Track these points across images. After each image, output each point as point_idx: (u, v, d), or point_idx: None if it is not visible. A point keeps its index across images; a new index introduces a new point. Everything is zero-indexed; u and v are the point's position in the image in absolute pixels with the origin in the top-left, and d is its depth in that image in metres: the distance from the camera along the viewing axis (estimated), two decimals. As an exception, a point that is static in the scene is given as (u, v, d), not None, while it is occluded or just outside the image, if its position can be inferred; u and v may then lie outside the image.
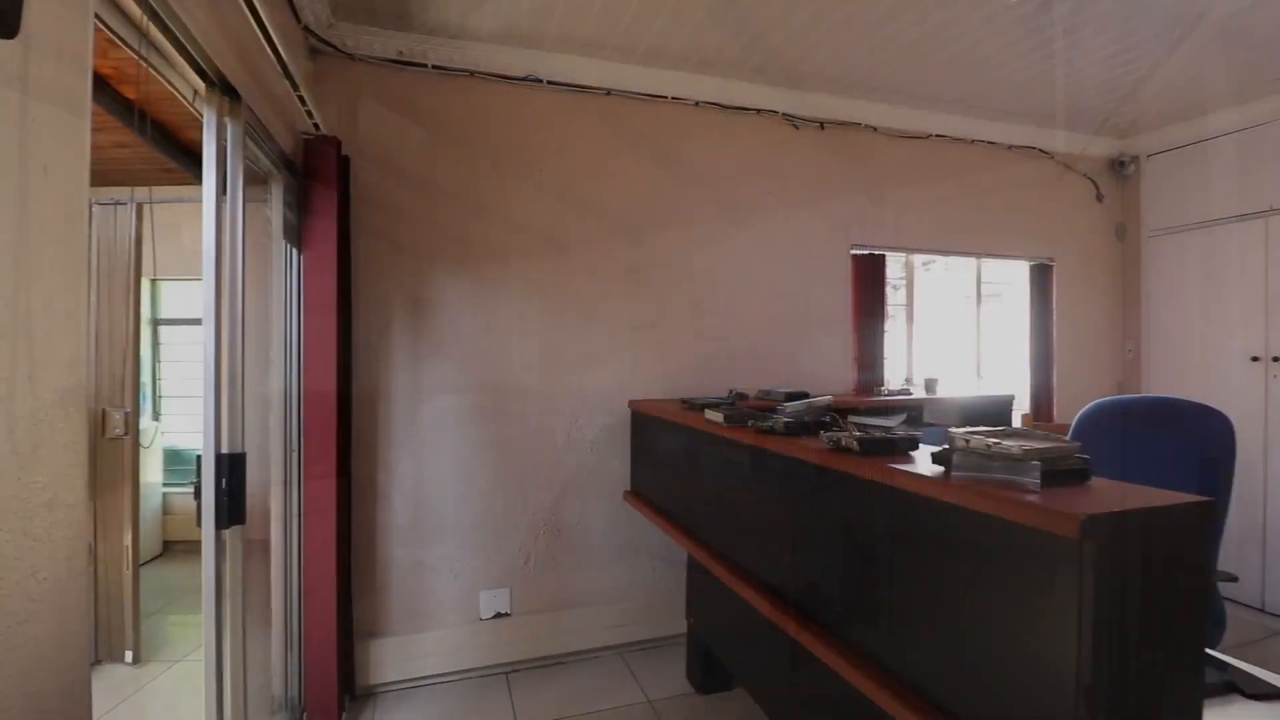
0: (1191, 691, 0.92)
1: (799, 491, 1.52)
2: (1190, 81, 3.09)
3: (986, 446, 1.02)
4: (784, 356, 3.18)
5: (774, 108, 3.14)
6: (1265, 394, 3.26)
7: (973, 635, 1.01)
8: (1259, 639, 2.97)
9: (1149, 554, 0.87)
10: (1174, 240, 3.71)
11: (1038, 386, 3.75)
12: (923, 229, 3.46)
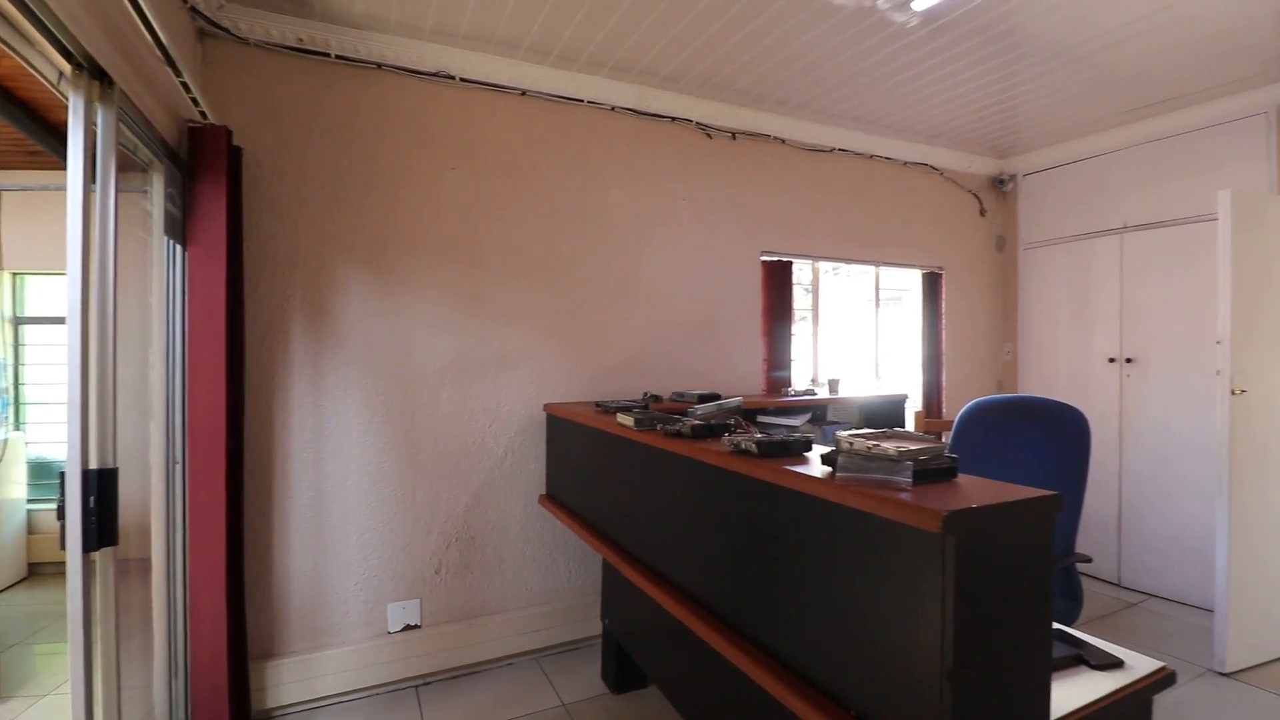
0: (1041, 666, 1.03)
1: (705, 493, 1.57)
2: (1060, 109, 3.43)
3: (867, 448, 1.10)
4: (699, 358, 3.27)
5: (688, 116, 3.22)
6: (1120, 391, 3.67)
7: (857, 625, 1.09)
8: (1116, 610, 3.34)
9: (1003, 544, 0.97)
10: (1045, 252, 4.10)
11: (929, 385, 4.04)
12: (827, 237, 3.65)
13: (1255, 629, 2.71)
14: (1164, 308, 3.48)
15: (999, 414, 2.17)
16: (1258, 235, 2.74)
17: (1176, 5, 2.41)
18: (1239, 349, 2.67)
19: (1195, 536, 3.26)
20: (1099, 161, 3.81)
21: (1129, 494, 3.61)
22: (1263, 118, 3.15)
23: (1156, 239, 3.53)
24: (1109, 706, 1.14)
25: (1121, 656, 1.30)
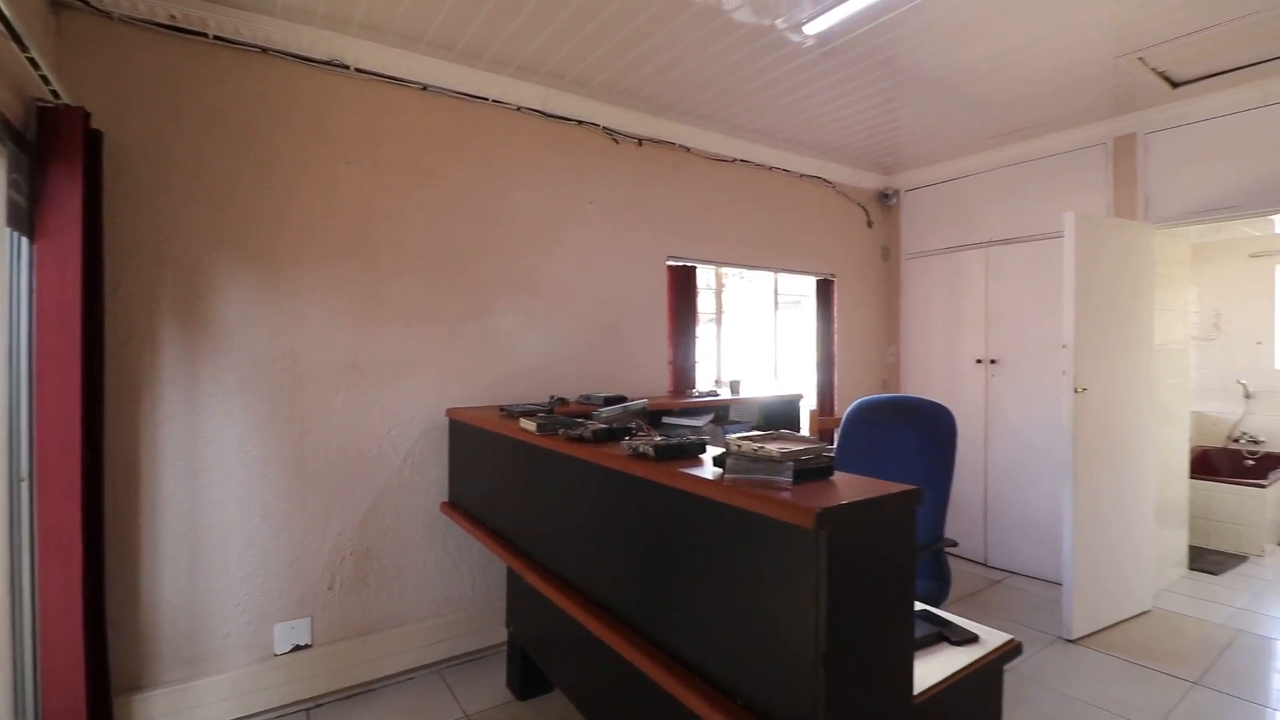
0: (904, 645, 1.14)
1: (607, 497, 1.59)
2: (935, 132, 3.74)
3: (754, 450, 1.17)
4: (606, 361, 3.30)
5: (596, 120, 3.24)
6: (985, 390, 4.06)
7: (745, 619, 1.15)
8: (982, 589, 3.69)
9: (870, 536, 1.06)
10: (924, 262, 4.46)
11: (823, 385, 4.30)
12: (730, 244, 3.79)
13: (1095, 600, 3.08)
14: (1021, 315, 3.88)
15: (880, 412, 2.35)
16: (1096, 253, 3.12)
17: (1028, 46, 2.70)
18: (1081, 352, 3.03)
19: (1048, 518, 3.66)
20: (968, 181, 4.19)
21: (993, 481, 4.00)
22: (1101, 148, 3.59)
23: (1015, 253, 3.93)
24: (964, 678, 1.27)
25: (977, 632, 1.45)
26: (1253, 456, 5.29)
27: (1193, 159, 3.27)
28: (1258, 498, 4.25)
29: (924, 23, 2.51)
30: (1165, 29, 2.56)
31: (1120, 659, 2.81)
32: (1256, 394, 5.56)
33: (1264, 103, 3.03)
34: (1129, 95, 3.21)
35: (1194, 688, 2.57)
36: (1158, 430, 3.47)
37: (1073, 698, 2.50)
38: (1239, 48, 2.72)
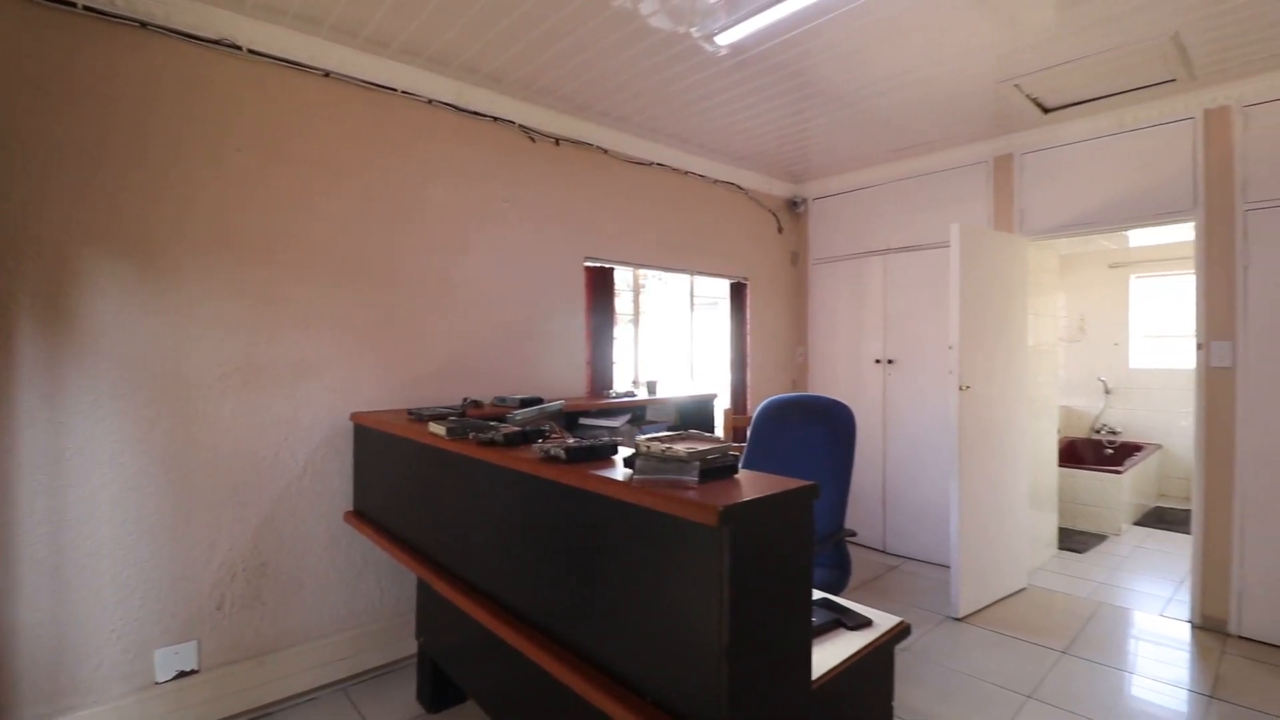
0: (803, 633, 1.20)
1: (519, 501, 1.58)
2: (840, 144, 3.95)
3: (662, 451, 1.20)
4: (523, 362, 3.26)
5: (511, 118, 3.19)
6: (884, 388, 4.32)
7: (655, 618, 1.17)
8: (881, 574, 3.92)
9: (770, 530, 1.11)
10: (829, 268, 4.70)
11: (736, 385, 4.43)
12: (647, 246, 3.84)
13: (978, 580, 3.35)
14: (915, 318, 4.17)
15: (787, 411, 2.46)
16: (978, 261, 3.39)
17: (919, 69, 2.90)
18: (965, 353, 3.29)
19: (939, 506, 3.95)
20: (869, 192, 4.45)
21: (891, 473, 4.27)
22: (984, 166, 3.91)
23: (910, 260, 4.21)
24: (859, 661, 1.36)
25: (871, 616, 1.55)
26: (1111, 446, 5.94)
27: (1061, 178, 3.63)
28: (1116, 483, 4.77)
29: (825, 42, 2.64)
30: (1038, 59, 2.83)
31: (1000, 634, 3.07)
32: (1115, 390, 6.24)
33: (1120, 130, 3.41)
34: (1007, 118, 3.51)
35: (1063, 656, 2.85)
36: (1030, 423, 3.83)
37: (959, 672, 2.71)
38: (1099, 80, 3.04)
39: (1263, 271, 2.97)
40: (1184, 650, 2.91)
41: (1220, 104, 3.08)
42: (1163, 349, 6.04)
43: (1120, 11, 2.42)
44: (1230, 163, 3.06)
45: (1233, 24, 2.50)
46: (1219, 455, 3.10)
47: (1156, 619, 3.26)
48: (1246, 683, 2.60)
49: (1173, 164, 3.24)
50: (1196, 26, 2.53)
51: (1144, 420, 6.04)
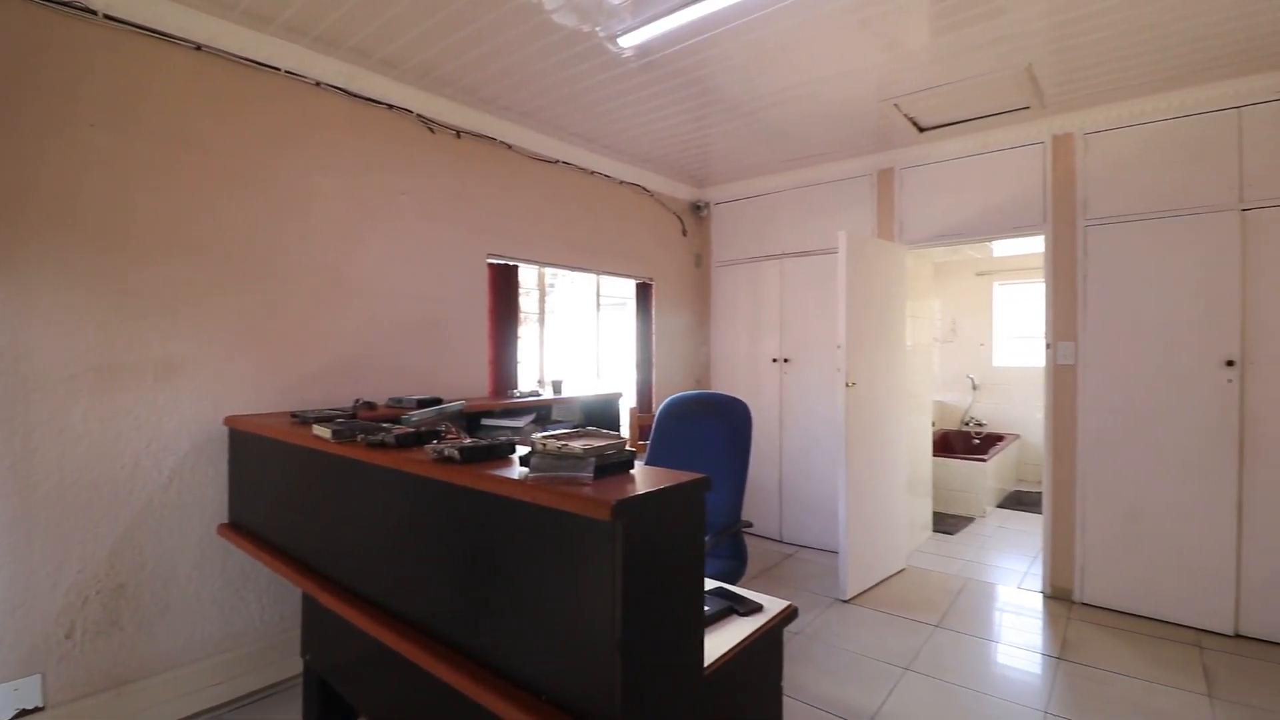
0: (695, 622, 1.23)
1: (413, 506, 1.52)
2: (740, 152, 4.10)
3: (558, 448, 1.20)
4: (422, 361, 3.14)
5: (408, 106, 3.07)
6: (780, 386, 4.53)
7: (552, 617, 1.17)
8: (777, 563, 4.11)
9: (663, 523, 1.14)
10: (731, 270, 4.87)
11: (642, 384, 4.50)
12: (553, 244, 3.81)
13: (863, 563, 3.59)
14: (808, 319, 4.40)
15: (687, 408, 2.52)
16: (863, 267, 3.64)
17: (811, 84, 3.07)
18: (851, 352, 3.52)
19: (829, 496, 4.19)
20: (768, 198, 4.65)
21: (787, 466, 4.49)
22: (868, 178, 4.19)
23: (803, 265, 4.45)
24: (749, 646, 1.41)
25: (762, 602, 1.62)
26: (978, 436, 6.55)
27: (935, 192, 3.96)
28: (981, 470, 5.26)
29: (722, 52, 2.74)
30: (913, 82, 3.07)
31: (882, 612, 3.31)
32: (981, 386, 6.89)
33: (983, 150, 3.76)
34: (888, 135, 3.79)
35: (936, 629, 3.11)
36: (909, 417, 4.15)
37: (845, 649, 2.90)
38: (966, 104, 3.34)
39: (1098, 280, 3.38)
40: (1037, 618, 3.27)
41: (1066, 131, 3.48)
42: (1022, 349, 6.73)
43: (982, 42, 2.68)
44: (1073, 184, 3.46)
45: (1075, 60, 2.83)
46: (1064, 443, 3.50)
47: (1015, 591, 3.64)
48: (1087, 644, 2.95)
49: (1026, 183, 3.62)
50: (1046, 60, 2.84)
51: (1005, 413, 6.70)
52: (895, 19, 2.50)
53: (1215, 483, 3.04)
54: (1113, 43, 2.68)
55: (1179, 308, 3.15)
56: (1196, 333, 3.10)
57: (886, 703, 2.46)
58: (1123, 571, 3.28)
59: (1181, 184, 3.15)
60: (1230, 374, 3.01)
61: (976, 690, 2.56)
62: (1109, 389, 3.34)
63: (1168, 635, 3.01)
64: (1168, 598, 3.15)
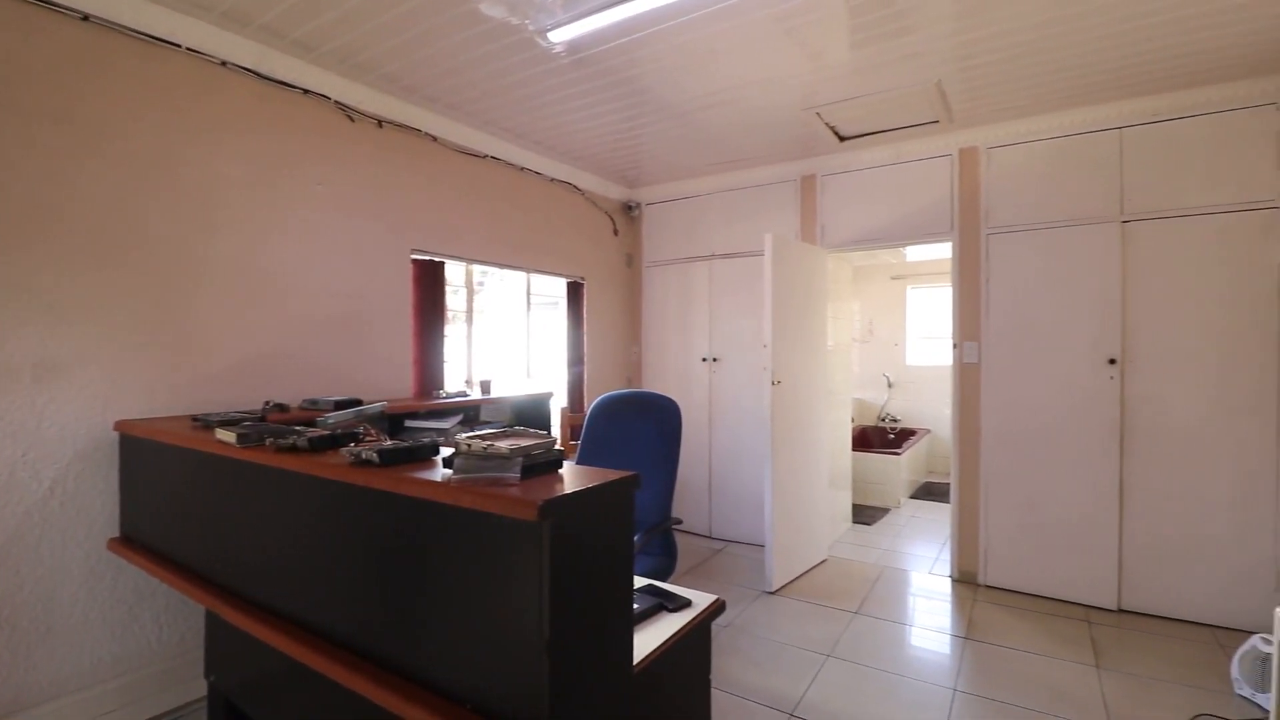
0: (624, 620, 1.24)
1: (328, 512, 1.44)
2: (670, 154, 4.14)
3: (483, 448, 1.17)
4: (340, 361, 2.99)
5: (325, 92, 2.92)
6: (709, 385, 4.62)
7: (480, 622, 1.14)
8: (707, 558, 4.18)
9: (591, 522, 1.13)
10: (661, 270, 4.92)
11: (573, 383, 4.47)
12: (481, 241, 3.72)
13: (788, 556, 3.71)
14: (736, 319, 4.51)
15: (618, 407, 2.53)
16: (786, 268, 3.76)
17: (738, 89, 3.14)
18: (776, 351, 3.62)
19: (756, 492, 4.30)
20: (697, 200, 4.73)
21: (716, 463, 4.58)
22: (793, 184, 4.33)
23: (732, 266, 4.55)
24: (678, 641, 1.43)
25: (691, 597, 1.64)
26: (893, 431, 6.90)
27: (854, 199, 4.13)
28: (895, 463, 5.55)
29: (652, 53, 2.76)
30: (834, 92, 3.19)
31: (806, 602, 3.43)
32: (896, 384, 7.26)
33: (897, 160, 3.96)
34: (811, 143, 3.93)
35: (855, 616, 3.25)
36: (830, 414, 4.32)
37: (771, 640, 2.98)
38: (882, 115, 3.51)
39: (999, 285, 3.63)
40: (946, 601, 3.47)
41: (971, 145, 3.72)
42: (932, 348, 7.14)
43: (896, 57, 2.82)
44: (978, 194, 3.71)
45: (978, 78, 3.03)
46: (969, 436, 3.73)
47: (926, 576, 3.86)
48: (991, 624, 3.17)
49: (937, 193, 3.84)
50: (954, 77, 3.02)
51: (918, 409, 7.10)
52: (818, 30, 2.59)
53: (1100, 471, 3.33)
54: (1010, 64, 2.88)
55: (1069, 311, 3.43)
56: (1084, 334, 3.38)
57: (810, 689, 2.55)
58: (1021, 555, 3.54)
59: (1071, 197, 3.43)
60: (1113, 371, 3.31)
61: (893, 673, 2.70)
62: (1008, 386, 3.60)
63: (1061, 612, 3.27)
64: (1060, 577, 3.43)
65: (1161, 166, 3.22)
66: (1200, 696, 2.45)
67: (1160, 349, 3.22)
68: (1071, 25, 2.54)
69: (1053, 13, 2.45)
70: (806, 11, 2.45)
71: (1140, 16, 2.47)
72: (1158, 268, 3.23)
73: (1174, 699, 2.44)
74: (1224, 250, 3.08)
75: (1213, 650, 2.83)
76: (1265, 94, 3.00)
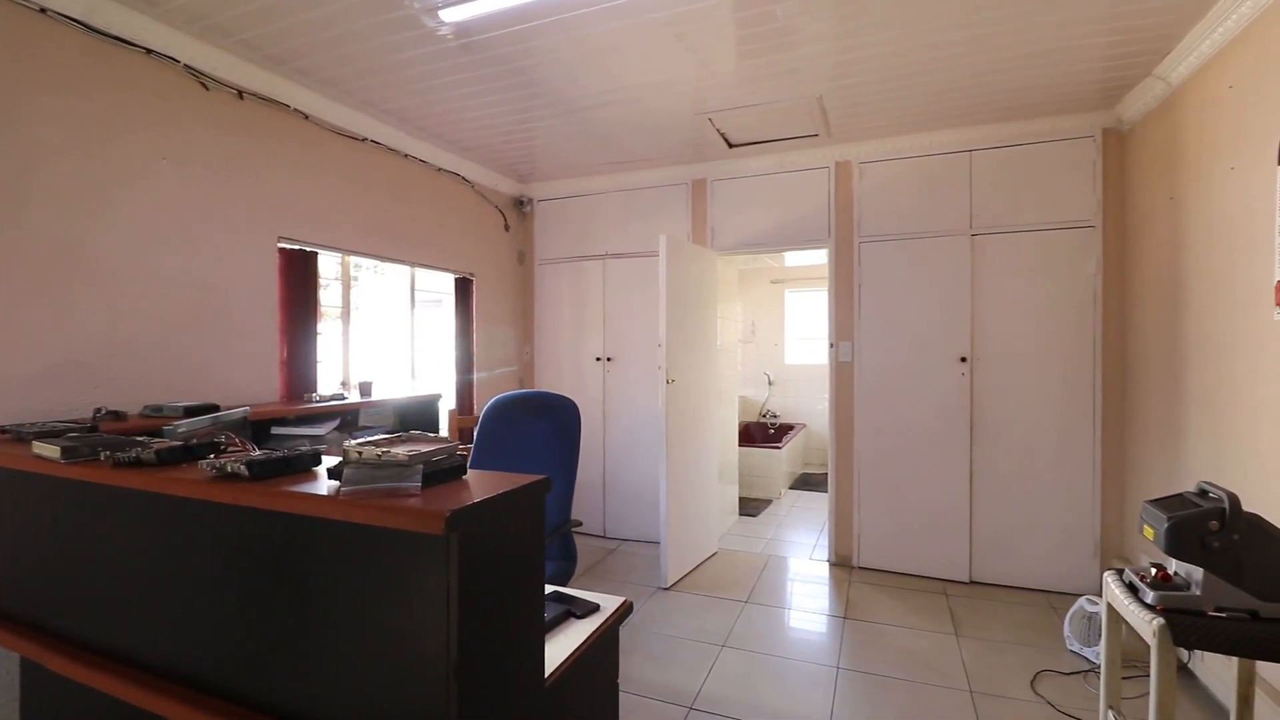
0: (536, 635, 1.18)
1: (184, 535, 1.25)
2: (564, 150, 4.07)
3: (377, 456, 1.06)
4: (192, 362, 2.63)
5: (173, 54, 2.56)
6: (603, 384, 4.60)
7: (378, 647, 1.03)
8: (602, 558, 4.16)
9: (502, 531, 1.06)
10: (554, 269, 4.83)
11: (462, 384, 4.27)
12: (360, 231, 3.45)
13: (682, 551, 3.78)
14: (630, 319, 4.53)
15: (514, 408, 2.43)
16: (680, 269, 3.83)
17: (634, 89, 3.14)
18: (670, 350, 3.68)
19: (649, 489, 4.35)
20: (591, 199, 4.69)
21: (610, 462, 4.58)
22: (685, 186, 4.42)
23: (626, 266, 4.56)
24: (589, 648, 1.39)
25: (599, 601, 1.61)
26: (773, 427, 7.28)
27: (741, 204, 4.29)
28: (776, 457, 5.85)
29: (548, 44, 2.69)
30: (724, 100, 3.29)
31: (700, 595, 3.51)
32: (776, 381, 7.66)
33: (781, 170, 4.16)
34: (702, 147, 4.02)
35: (745, 605, 3.37)
36: (718, 411, 4.46)
37: (667, 635, 3.02)
38: (768, 126, 3.66)
39: (870, 289, 3.93)
40: (825, 584, 3.70)
41: (846, 159, 3.99)
42: (808, 348, 7.61)
43: (781, 71, 2.96)
44: (851, 205, 3.98)
45: (854, 96, 3.25)
46: (844, 429, 4.00)
47: (807, 562, 4.09)
48: (866, 602, 3.41)
49: (816, 202, 4.08)
50: (833, 94, 3.22)
51: (795, 405, 7.53)
52: (706, 38, 2.65)
53: (954, 457, 3.70)
54: (880, 86, 3.12)
55: (928, 314, 3.77)
56: (940, 334, 3.74)
57: (707, 681, 2.61)
58: (890, 537, 3.86)
59: (931, 211, 3.78)
60: (964, 368, 3.68)
61: (782, 656, 2.82)
62: (879, 382, 3.90)
63: (923, 588, 3.60)
64: (923, 556, 3.77)
65: (1003, 187, 3.63)
66: (1040, 654, 2.79)
67: (1001, 348, 3.63)
68: (931, 54, 2.79)
69: (915, 41, 2.67)
70: (696, 19, 2.49)
71: (986, 51, 2.76)
72: (999, 276, 3.64)
73: (1019, 658, 2.76)
74: (1051, 262, 3.54)
75: (1047, 613, 3.23)
76: (1083, 128, 3.48)
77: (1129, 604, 1.64)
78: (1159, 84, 2.93)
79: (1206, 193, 2.60)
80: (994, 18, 2.48)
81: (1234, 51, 2.39)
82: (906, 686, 2.55)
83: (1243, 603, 1.50)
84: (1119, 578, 1.79)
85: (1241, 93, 2.34)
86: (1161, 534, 1.56)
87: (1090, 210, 3.47)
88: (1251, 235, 2.26)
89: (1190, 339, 2.73)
